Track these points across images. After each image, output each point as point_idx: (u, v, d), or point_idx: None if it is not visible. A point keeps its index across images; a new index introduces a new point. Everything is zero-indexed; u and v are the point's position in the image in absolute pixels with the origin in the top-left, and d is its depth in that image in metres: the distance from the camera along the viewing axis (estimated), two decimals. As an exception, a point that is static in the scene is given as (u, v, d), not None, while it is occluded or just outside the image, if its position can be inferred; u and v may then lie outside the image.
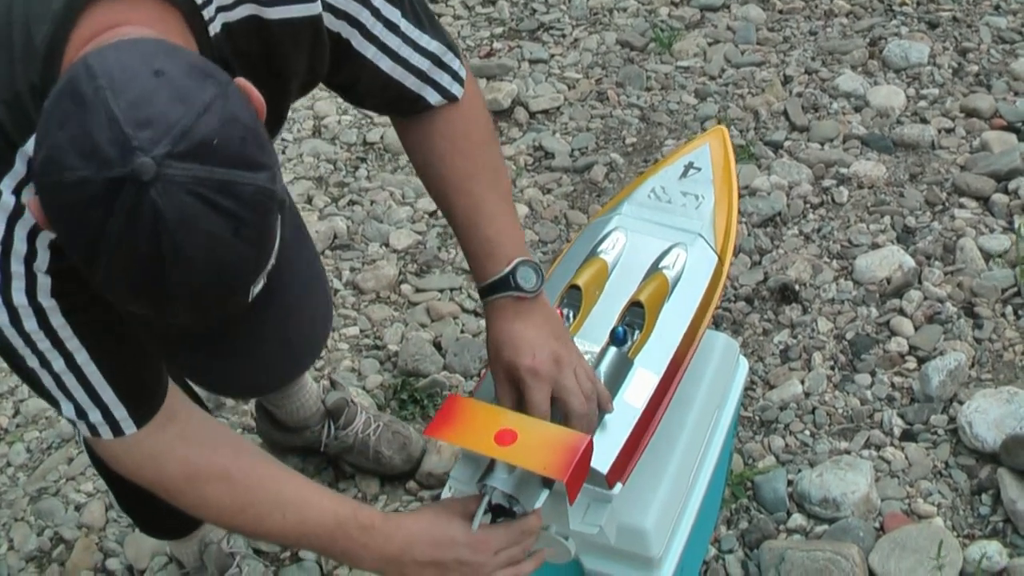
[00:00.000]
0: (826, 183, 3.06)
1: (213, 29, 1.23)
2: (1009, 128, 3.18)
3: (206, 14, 1.22)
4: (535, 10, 3.89)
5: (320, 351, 1.28)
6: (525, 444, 1.39)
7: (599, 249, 1.78)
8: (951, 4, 3.73)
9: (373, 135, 3.38)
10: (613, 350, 1.56)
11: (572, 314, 1.65)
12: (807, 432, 2.42)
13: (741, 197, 2.99)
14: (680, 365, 1.65)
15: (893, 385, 2.49)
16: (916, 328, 2.61)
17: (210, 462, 1.39)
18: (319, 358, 2.58)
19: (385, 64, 1.43)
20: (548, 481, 1.43)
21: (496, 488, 1.42)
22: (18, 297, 1.19)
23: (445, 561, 1.42)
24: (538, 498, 1.44)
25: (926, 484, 2.29)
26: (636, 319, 1.64)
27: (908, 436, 2.39)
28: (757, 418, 2.45)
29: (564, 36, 3.77)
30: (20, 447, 2.56)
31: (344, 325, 2.77)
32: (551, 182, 3.17)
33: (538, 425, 1.45)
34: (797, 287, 2.73)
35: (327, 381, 2.38)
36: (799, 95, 3.39)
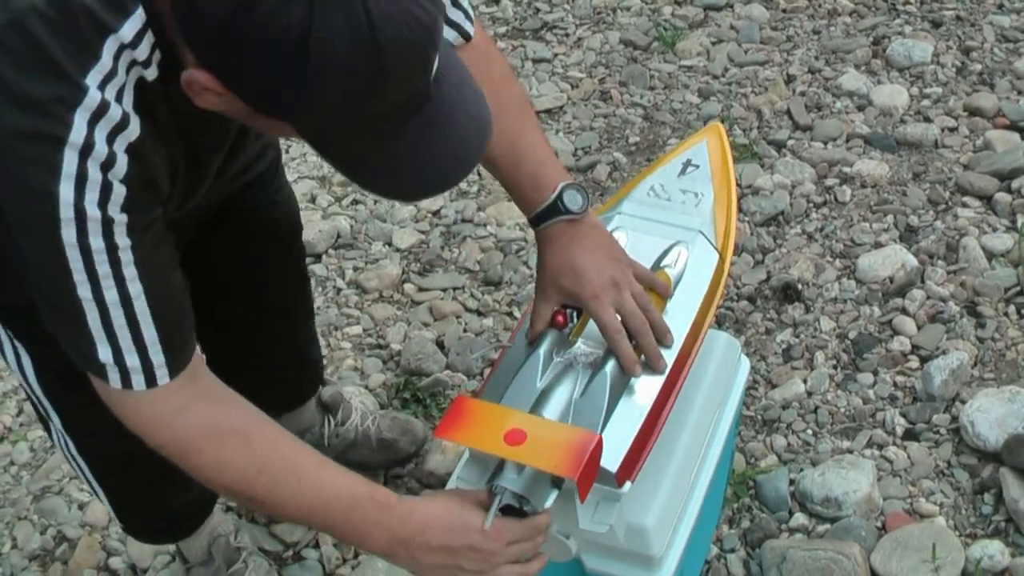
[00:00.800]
0: (829, 182, 3.06)
1: None
2: (1012, 127, 3.18)
3: None
4: (538, 9, 3.90)
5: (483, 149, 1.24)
6: (535, 443, 1.39)
7: (602, 248, 1.78)
8: (955, 3, 3.73)
9: (376, 134, 3.38)
10: (617, 350, 1.56)
11: (575, 314, 1.65)
12: (809, 431, 2.42)
13: (744, 196, 3.00)
14: (684, 363, 1.65)
15: (895, 384, 2.49)
16: (919, 327, 2.61)
17: (231, 419, 1.36)
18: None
19: None
20: (558, 481, 1.44)
21: (507, 488, 1.42)
22: (91, 207, 1.13)
23: (457, 547, 1.41)
24: (548, 498, 1.44)
25: (928, 483, 2.29)
26: (639, 318, 1.64)
27: (910, 435, 2.39)
28: (759, 417, 2.46)
29: (567, 35, 3.77)
30: (24, 446, 2.56)
31: (347, 324, 2.77)
32: (554, 181, 3.17)
33: (547, 424, 1.45)
34: (800, 286, 2.74)
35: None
36: (802, 94, 3.40)
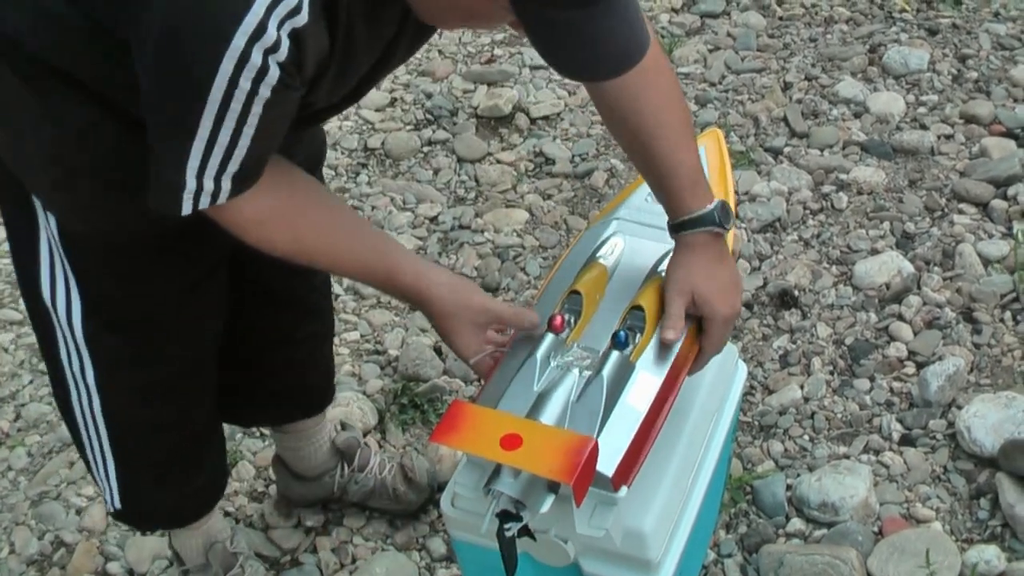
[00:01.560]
0: (826, 189, 3.07)
1: None
2: (1008, 134, 3.19)
3: None
4: (536, 16, 3.90)
5: None
6: (531, 448, 1.39)
7: (598, 254, 1.79)
8: (951, 11, 3.74)
9: (374, 141, 3.39)
10: (615, 354, 1.57)
11: (573, 319, 1.66)
12: (806, 437, 2.43)
13: (741, 203, 3.00)
14: (681, 368, 1.65)
15: (892, 390, 2.50)
16: (915, 333, 2.62)
17: (288, 199, 1.48)
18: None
19: None
20: (554, 485, 1.44)
21: (503, 493, 1.43)
22: (256, 54, 1.22)
23: (453, 314, 1.61)
24: (545, 502, 1.44)
25: (925, 488, 2.29)
26: (637, 323, 1.64)
27: (907, 441, 2.39)
28: (756, 423, 2.46)
29: (565, 42, 3.77)
30: (21, 451, 2.56)
31: (345, 330, 2.77)
32: (552, 188, 3.18)
33: (543, 429, 1.46)
34: (796, 292, 2.74)
35: (337, 423, 2.37)
36: (799, 101, 3.41)
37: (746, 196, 3.04)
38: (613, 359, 1.57)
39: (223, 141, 1.29)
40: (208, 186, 1.34)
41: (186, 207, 1.36)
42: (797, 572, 2.10)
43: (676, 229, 1.65)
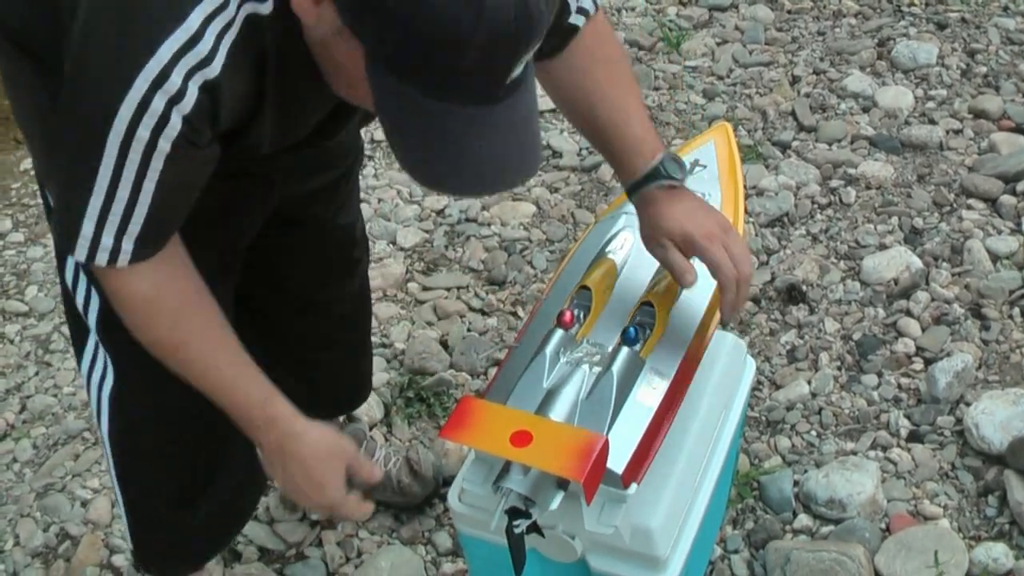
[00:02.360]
0: (834, 183, 3.06)
1: None
2: (1017, 130, 3.18)
3: None
4: (543, 9, 3.89)
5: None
6: (540, 445, 1.39)
7: (607, 249, 1.78)
8: (960, 5, 3.73)
9: (380, 133, 3.37)
10: (625, 350, 1.56)
11: (583, 314, 1.65)
12: (813, 432, 2.42)
13: (748, 197, 2.99)
14: (691, 364, 1.65)
15: (900, 386, 2.49)
16: (923, 329, 2.61)
17: (172, 296, 1.40)
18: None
19: None
20: (564, 482, 1.43)
21: (512, 490, 1.42)
22: (158, 102, 1.18)
23: (293, 475, 1.51)
24: (554, 499, 1.44)
25: (932, 485, 2.29)
26: (647, 319, 1.64)
27: (915, 437, 2.39)
28: (764, 418, 2.45)
29: (572, 35, 3.76)
30: (26, 443, 2.56)
31: (351, 322, 2.77)
32: (558, 181, 3.18)
33: (553, 426, 1.45)
34: (804, 287, 2.74)
35: (343, 416, 2.36)
36: (807, 95, 3.39)
37: (754, 190, 3.03)
38: (623, 355, 1.57)
39: (122, 195, 1.25)
40: (107, 242, 1.29)
41: (80, 254, 1.31)
42: (804, 569, 2.10)
43: (631, 193, 1.61)
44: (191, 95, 1.18)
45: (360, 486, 1.58)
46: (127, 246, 1.30)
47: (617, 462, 1.47)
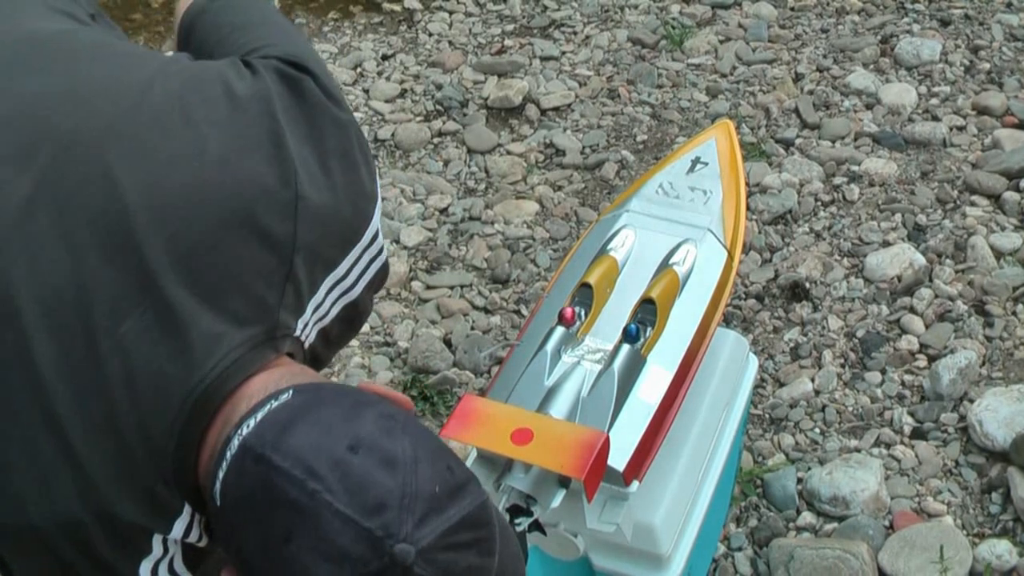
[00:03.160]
0: (837, 180, 3.06)
1: (308, 342, 1.20)
2: (1021, 126, 3.17)
3: (304, 336, 1.18)
4: (546, 7, 3.89)
5: None
6: (542, 443, 1.38)
7: (609, 247, 1.78)
8: (963, 2, 3.72)
9: (384, 132, 3.38)
10: (626, 347, 1.56)
11: (584, 312, 1.65)
12: (817, 430, 2.42)
13: (752, 195, 2.99)
14: (693, 361, 1.65)
15: (903, 383, 2.49)
16: (927, 326, 2.61)
17: None
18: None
19: None
20: (565, 480, 1.43)
21: (514, 488, 1.42)
22: None
23: None
24: (556, 497, 1.44)
25: (936, 482, 2.29)
26: (648, 316, 1.64)
27: (918, 434, 2.38)
28: (767, 416, 2.45)
29: (575, 33, 3.77)
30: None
31: (355, 321, 2.77)
32: (562, 179, 3.17)
33: (554, 423, 1.45)
34: (808, 285, 2.73)
35: None
36: (811, 92, 3.39)
37: (757, 188, 3.03)
38: (624, 352, 1.57)
39: None
40: None
41: None
42: (807, 566, 2.10)
43: None
44: None
45: None
46: None
47: (619, 459, 1.48)
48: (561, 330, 1.61)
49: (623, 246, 1.78)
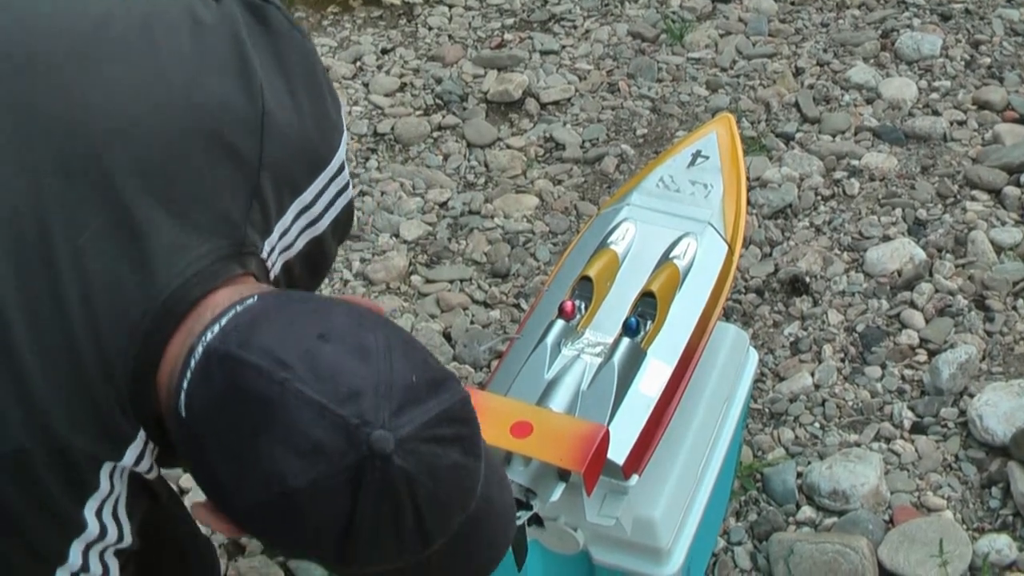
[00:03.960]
0: (837, 175, 3.05)
1: (274, 272, 1.18)
2: (1021, 121, 3.17)
3: (270, 263, 1.17)
4: (546, 1, 3.88)
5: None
6: (541, 436, 1.38)
7: (609, 240, 1.78)
8: (964, -4, 3.72)
9: (384, 126, 3.38)
10: (626, 341, 1.56)
11: (584, 305, 1.65)
12: (817, 424, 2.42)
13: (751, 189, 2.99)
14: (693, 355, 1.65)
15: (903, 378, 2.49)
16: (927, 321, 2.60)
17: None
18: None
19: None
20: (565, 473, 1.43)
21: (513, 481, 1.42)
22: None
23: None
24: (555, 491, 1.44)
25: (936, 477, 2.29)
26: (648, 310, 1.64)
27: (918, 429, 2.38)
28: (767, 410, 2.45)
29: (575, 27, 3.76)
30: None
31: (354, 315, 2.76)
32: (562, 173, 3.17)
33: (554, 417, 1.45)
34: (808, 279, 2.73)
35: None
36: (811, 87, 3.39)
37: (757, 182, 3.02)
38: (624, 346, 1.57)
39: None
40: None
41: None
42: (807, 560, 2.09)
43: None
44: (113, 566, 1.11)
45: None
46: None
47: (618, 453, 1.48)
48: (561, 323, 1.61)
49: (623, 239, 1.77)
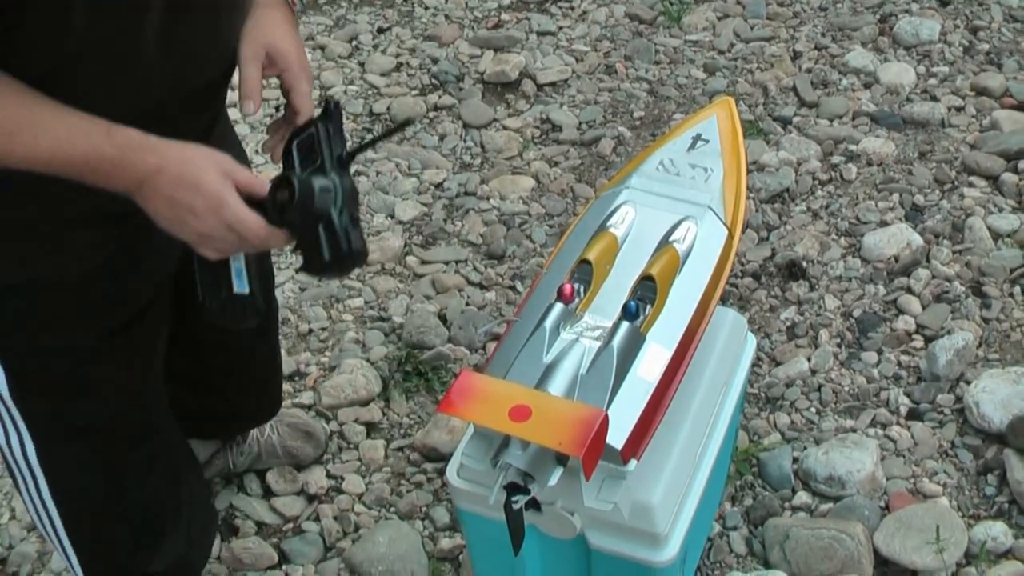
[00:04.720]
0: (835, 160, 3.04)
1: None
2: (1019, 107, 3.16)
3: None
4: (543, -19, 3.87)
5: None
6: (540, 420, 1.38)
7: (608, 223, 1.77)
8: (963, -19, 3.70)
9: (379, 106, 3.36)
10: (626, 324, 1.55)
11: (583, 288, 1.64)
12: (813, 409, 2.41)
13: (749, 173, 2.97)
14: (692, 339, 1.64)
15: (900, 364, 2.48)
16: (924, 307, 2.60)
17: None
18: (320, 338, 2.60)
19: None
20: (563, 457, 1.42)
21: (511, 465, 1.41)
22: None
23: (180, 202, 1.32)
24: (553, 475, 1.43)
25: (932, 463, 2.28)
26: (648, 293, 1.63)
27: (914, 415, 2.38)
28: (763, 395, 2.45)
29: (573, 8, 3.74)
30: (23, 414, 2.55)
31: (348, 296, 2.76)
32: (558, 155, 3.16)
33: (552, 401, 1.44)
34: (805, 264, 2.72)
35: None
36: (808, 71, 3.37)
37: (754, 166, 3.01)
38: (623, 330, 1.56)
39: None
40: None
41: None
42: (803, 546, 2.09)
43: None
44: None
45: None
46: None
47: (617, 437, 1.47)
48: (560, 307, 1.60)
49: (623, 223, 1.76)
